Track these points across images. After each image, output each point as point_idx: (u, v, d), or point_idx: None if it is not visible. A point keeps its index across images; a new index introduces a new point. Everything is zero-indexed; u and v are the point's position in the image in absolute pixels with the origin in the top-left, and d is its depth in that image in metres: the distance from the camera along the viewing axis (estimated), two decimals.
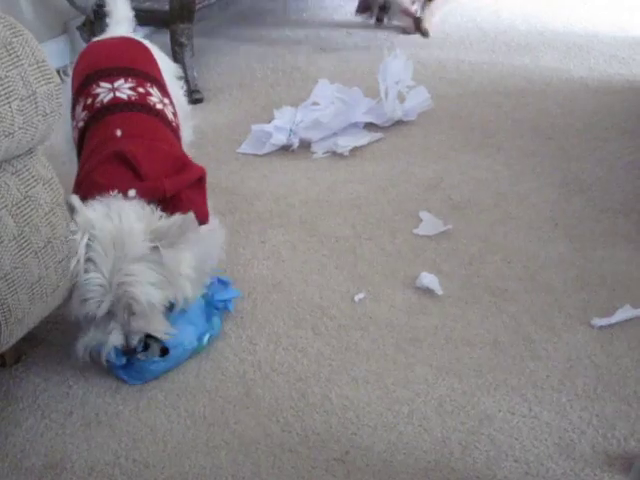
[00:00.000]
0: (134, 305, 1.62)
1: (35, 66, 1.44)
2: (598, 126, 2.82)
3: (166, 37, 3.06)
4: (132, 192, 1.70)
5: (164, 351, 1.71)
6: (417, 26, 3.74)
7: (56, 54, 3.25)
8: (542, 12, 4.02)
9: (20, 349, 1.78)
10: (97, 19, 3.09)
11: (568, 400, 1.65)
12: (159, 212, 1.69)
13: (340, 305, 1.94)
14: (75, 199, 1.63)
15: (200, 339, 1.78)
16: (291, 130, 2.65)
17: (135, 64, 1.98)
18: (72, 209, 1.61)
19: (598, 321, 1.86)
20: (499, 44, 3.62)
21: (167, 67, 2.18)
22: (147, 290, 1.62)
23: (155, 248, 1.62)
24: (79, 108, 1.90)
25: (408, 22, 3.79)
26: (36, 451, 1.58)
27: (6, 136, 1.38)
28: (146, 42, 2.16)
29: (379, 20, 3.86)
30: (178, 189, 1.75)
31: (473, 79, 3.24)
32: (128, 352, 1.67)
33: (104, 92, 1.89)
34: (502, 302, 1.94)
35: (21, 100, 1.40)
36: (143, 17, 3.09)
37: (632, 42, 3.58)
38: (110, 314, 1.64)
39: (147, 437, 1.60)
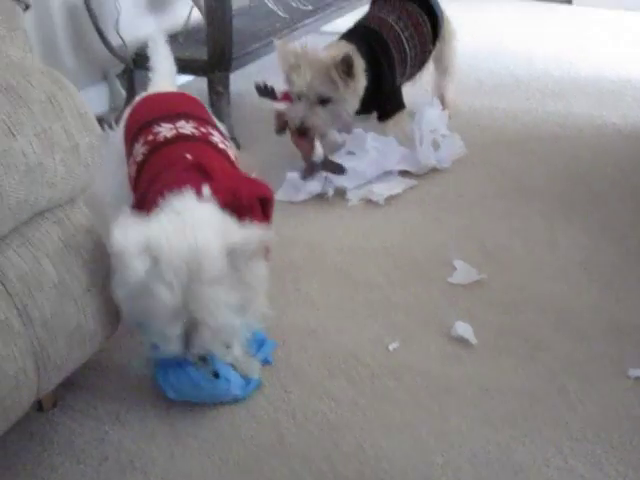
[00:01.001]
0: (208, 330, 1.50)
1: (78, 118, 1.48)
2: (631, 173, 2.82)
3: (203, 85, 3.11)
4: (206, 190, 1.57)
5: (215, 374, 1.71)
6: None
7: (96, 101, 3.32)
8: (575, 58, 4.04)
9: (57, 393, 1.79)
10: (136, 67, 3.15)
11: (604, 452, 1.64)
12: (234, 220, 1.55)
13: (374, 353, 1.95)
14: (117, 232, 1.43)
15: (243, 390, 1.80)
16: (326, 178, 2.67)
17: (193, 112, 1.96)
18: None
19: (633, 372, 1.85)
20: (532, 91, 3.64)
21: None
22: (226, 316, 1.50)
23: (234, 266, 1.49)
24: (138, 145, 1.84)
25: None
26: None
27: (49, 187, 1.41)
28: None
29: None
30: (253, 196, 1.64)
31: (507, 126, 3.26)
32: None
33: (166, 130, 1.83)
34: (536, 351, 1.94)
35: (64, 152, 1.43)
36: (182, 65, 3.16)
37: None
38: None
39: None
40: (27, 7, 1.55)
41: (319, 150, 2.69)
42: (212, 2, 2.88)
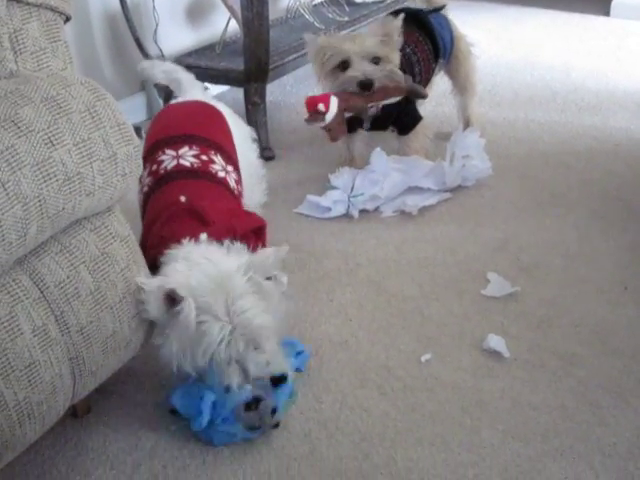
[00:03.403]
0: (257, 333, 1.62)
1: (116, 128, 1.49)
2: None
3: (239, 95, 3.14)
4: (203, 236, 1.72)
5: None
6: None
7: (133, 111, 3.36)
8: (612, 71, 4.01)
9: (91, 400, 1.81)
10: None
11: (636, 468, 1.63)
12: (239, 244, 1.71)
13: (406, 365, 1.95)
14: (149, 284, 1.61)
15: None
16: (350, 200, 2.67)
17: (202, 132, 2.03)
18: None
19: None
20: (569, 103, 3.61)
21: (241, 131, 2.23)
22: (263, 317, 1.62)
23: (253, 280, 1.64)
24: (145, 173, 1.96)
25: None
26: None
27: (87, 195, 1.43)
28: (220, 106, 2.21)
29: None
30: (247, 228, 1.79)
31: (542, 139, 3.24)
32: (248, 407, 1.67)
33: (168, 159, 1.94)
34: (570, 366, 1.93)
35: (102, 161, 1.45)
36: (218, 76, 3.20)
37: None
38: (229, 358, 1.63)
39: None
40: (68, 19, 1.57)
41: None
42: (249, 13, 2.90)
